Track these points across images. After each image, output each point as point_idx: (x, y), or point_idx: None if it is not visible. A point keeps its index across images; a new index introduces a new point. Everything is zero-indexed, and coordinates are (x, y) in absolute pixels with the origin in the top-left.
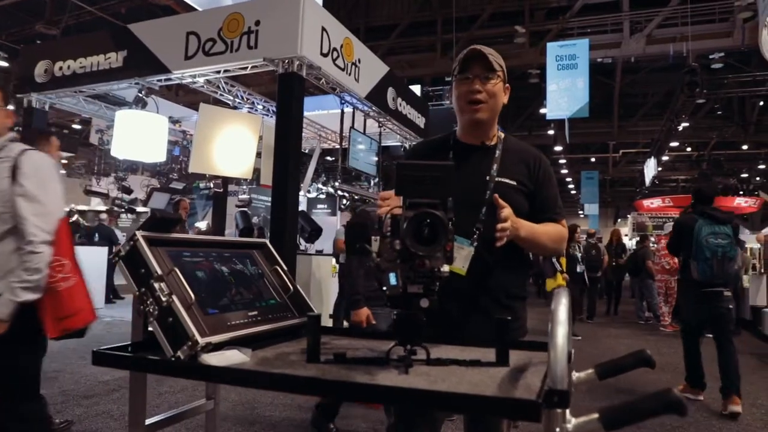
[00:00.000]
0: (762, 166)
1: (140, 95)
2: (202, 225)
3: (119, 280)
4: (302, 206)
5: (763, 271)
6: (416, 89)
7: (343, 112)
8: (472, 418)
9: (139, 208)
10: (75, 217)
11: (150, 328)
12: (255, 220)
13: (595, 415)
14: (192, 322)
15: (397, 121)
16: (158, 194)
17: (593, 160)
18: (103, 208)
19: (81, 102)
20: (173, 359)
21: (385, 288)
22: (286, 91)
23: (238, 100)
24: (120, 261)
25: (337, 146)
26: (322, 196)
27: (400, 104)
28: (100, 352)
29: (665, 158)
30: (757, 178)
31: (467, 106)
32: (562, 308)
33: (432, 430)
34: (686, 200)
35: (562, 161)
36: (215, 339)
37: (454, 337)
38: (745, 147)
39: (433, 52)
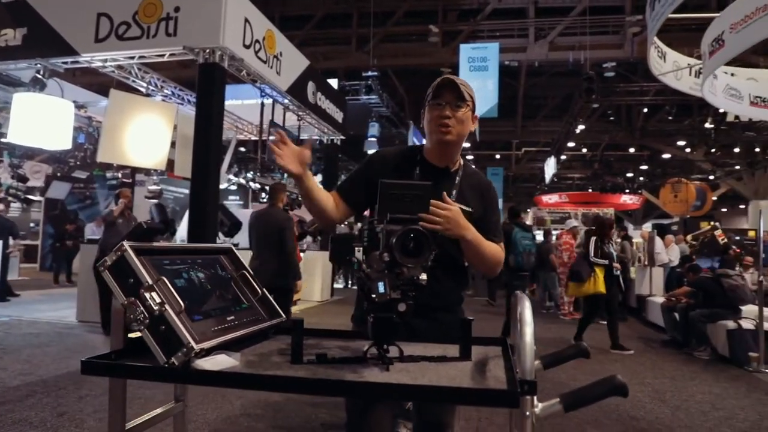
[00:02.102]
0: (645, 167)
1: (38, 76)
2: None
3: (13, 275)
4: None
5: (647, 263)
6: (333, 83)
7: (263, 105)
8: (425, 410)
9: (35, 197)
10: None
11: (130, 336)
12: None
13: (557, 400)
14: (185, 329)
15: (316, 115)
16: (58, 183)
17: (498, 157)
18: None
19: None
20: (166, 366)
21: (373, 295)
22: (207, 82)
23: (151, 88)
24: (105, 271)
25: (253, 137)
26: (233, 188)
27: (320, 99)
28: (90, 362)
29: (563, 157)
30: (641, 178)
31: (437, 128)
32: (527, 311)
33: (390, 419)
34: (580, 197)
35: (470, 157)
36: (207, 345)
37: (409, 336)
38: (632, 150)
39: (347, 45)
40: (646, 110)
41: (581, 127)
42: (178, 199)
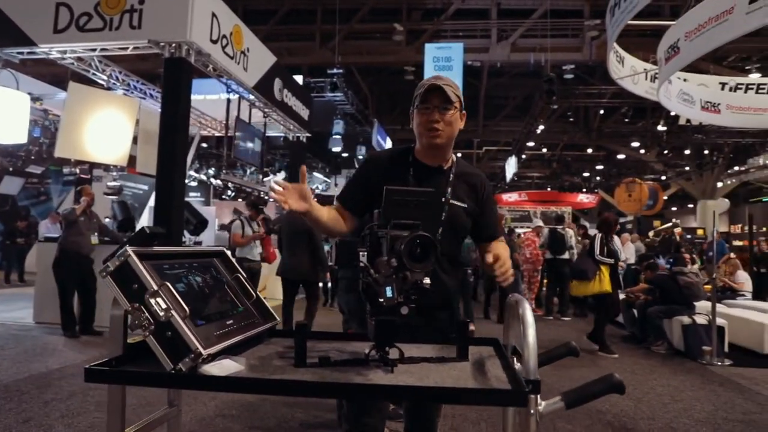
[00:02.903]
0: (601, 167)
1: None
2: None
3: None
4: None
5: None
6: (298, 80)
7: (229, 101)
8: (413, 409)
9: None
10: None
11: (130, 341)
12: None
13: (558, 398)
14: (192, 334)
15: (283, 112)
16: (10, 178)
17: (459, 155)
18: None
19: None
20: (173, 372)
21: (381, 299)
22: (173, 77)
23: (112, 81)
24: (108, 276)
25: (216, 133)
26: (194, 184)
27: (286, 96)
28: (95, 369)
29: (523, 157)
30: (597, 178)
31: (426, 132)
32: (529, 314)
33: (382, 416)
34: (539, 195)
35: None
36: (213, 350)
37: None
38: (589, 150)
39: (311, 42)
40: (602, 112)
41: (542, 127)
42: (137, 196)
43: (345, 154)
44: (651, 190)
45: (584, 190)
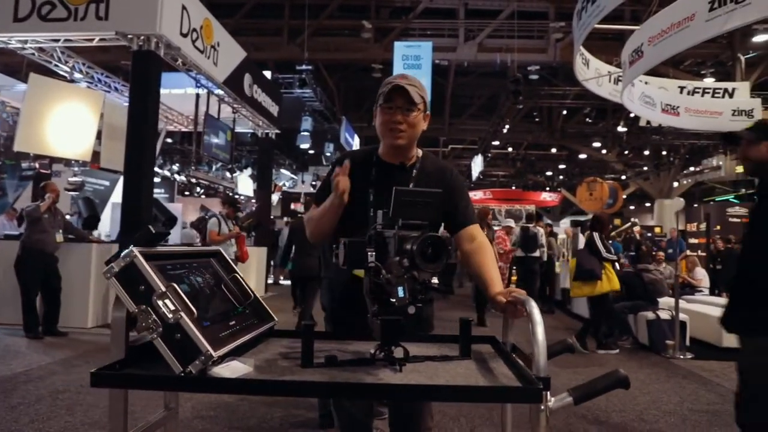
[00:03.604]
0: (563, 166)
1: None
2: None
3: None
4: None
5: (570, 259)
6: (266, 75)
7: (198, 96)
8: (400, 408)
9: None
10: None
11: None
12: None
13: (566, 394)
14: (202, 336)
15: (252, 108)
16: None
17: (423, 151)
18: None
19: None
20: (183, 374)
21: (393, 299)
22: (142, 71)
23: (75, 73)
24: (113, 278)
25: (183, 129)
26: (157, 180)
27: (256, 91)
28: (101, 374)
29: (488, 155)
30: (560, 177)
31: (388, 133)
32: (536, 312)
33: (372, 415)
34: (503, 194)
35: None
36: (222, 351)
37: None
38: (553, 150)
39: (279, 37)
40: (565, 112)
41: (507, 126)
42: (98, 192)
43: (312, 151)
44: (611, 189)
45: (547, 188)
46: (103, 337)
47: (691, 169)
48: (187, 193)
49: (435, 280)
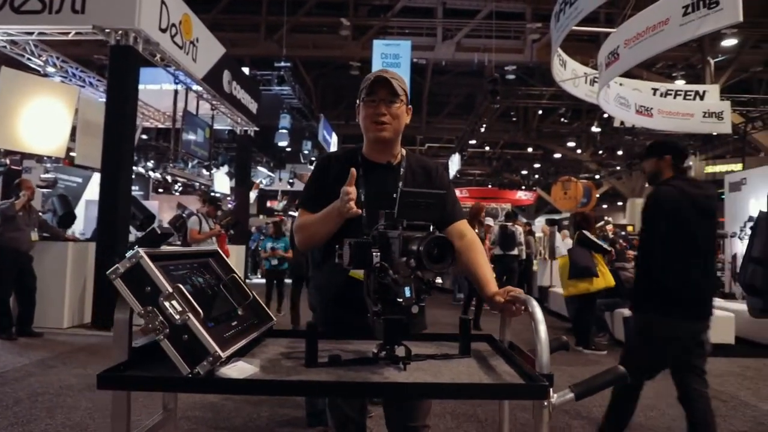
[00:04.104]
0: (538, 165)
1: None
2: None
3: None
4: None
5: (547, 257)
6: (244, 71)
7: (176, 92)
8: (399, 407)
9: None
10: None
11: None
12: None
13: (568, 390)
14: (210, 337)
15: (231, 105)
16: None
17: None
18: None
19: None
20: (191, 375)
21: (400, 299)
22: (120, 67)
23: (49, 67)
24: (118, 279)
25: (159, 125)
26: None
27: (235, 88)
28: (107, 376)
29: (465, 154)
30: (536, 176)
31: (373, 126)
32: (538, 311)
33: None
34: (480, 192)
35: None
36: (229, 352)
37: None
38: (530, 149)
39: (256, 33)
40: (540, 112)
41: (485, 126)
42: (70, 189)
43: (290, 149)
44: (585, 188)
45: (523, 187)
46: (79, 337)
47: None
48: (161, 190)
49: (439, 280)
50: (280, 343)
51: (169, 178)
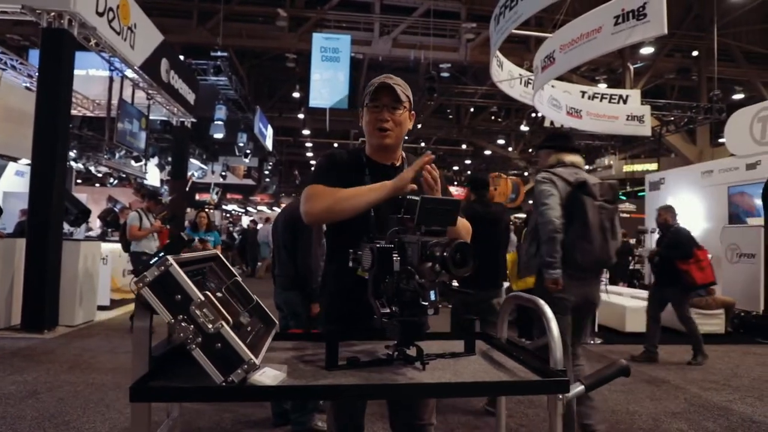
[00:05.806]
0: (469, 162)
1: None
2: None
3: None
4: None
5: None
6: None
7: (111, 79)
8: (408, 407)
9: None
10: None
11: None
12: None
13: (578, 383)
14: (244, 344)
15: (168, 94)
16: None
17: (336, 145)
18: None
19: None
20: (224, 384)
21: (425, 302)
22: (53, 51)
23: None
24: (146, 288)
25: (88, 113)
26: None
27: (173, 77)
28: (140, 388)
29: None
30: (468, 172)
31: (376, 132)
32: (548, 309)
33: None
34: None
35: (309, 144)
36: (260, 358)
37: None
38: (464, 146)
39: (188, 20)
40: (472, 110)
41: (420, 124)
42: None
43: (223, 141)
44: (514, 185)
45: (455, 183)
46: (8, 341)
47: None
48: (79, 181)
49: (455, 283)
50: (284, 346)
51: (96, 169)
